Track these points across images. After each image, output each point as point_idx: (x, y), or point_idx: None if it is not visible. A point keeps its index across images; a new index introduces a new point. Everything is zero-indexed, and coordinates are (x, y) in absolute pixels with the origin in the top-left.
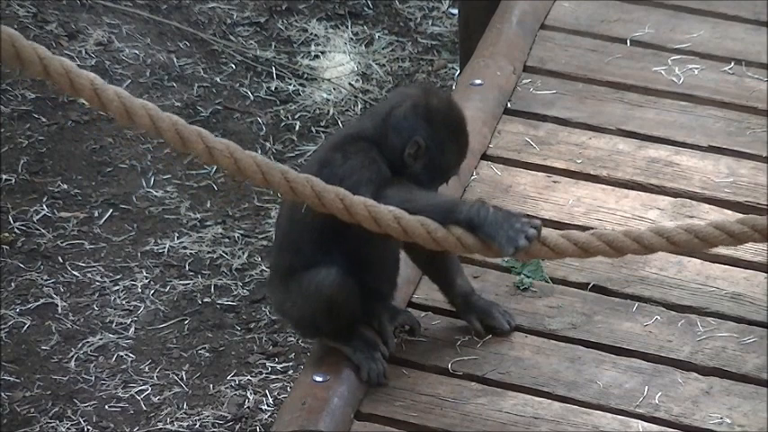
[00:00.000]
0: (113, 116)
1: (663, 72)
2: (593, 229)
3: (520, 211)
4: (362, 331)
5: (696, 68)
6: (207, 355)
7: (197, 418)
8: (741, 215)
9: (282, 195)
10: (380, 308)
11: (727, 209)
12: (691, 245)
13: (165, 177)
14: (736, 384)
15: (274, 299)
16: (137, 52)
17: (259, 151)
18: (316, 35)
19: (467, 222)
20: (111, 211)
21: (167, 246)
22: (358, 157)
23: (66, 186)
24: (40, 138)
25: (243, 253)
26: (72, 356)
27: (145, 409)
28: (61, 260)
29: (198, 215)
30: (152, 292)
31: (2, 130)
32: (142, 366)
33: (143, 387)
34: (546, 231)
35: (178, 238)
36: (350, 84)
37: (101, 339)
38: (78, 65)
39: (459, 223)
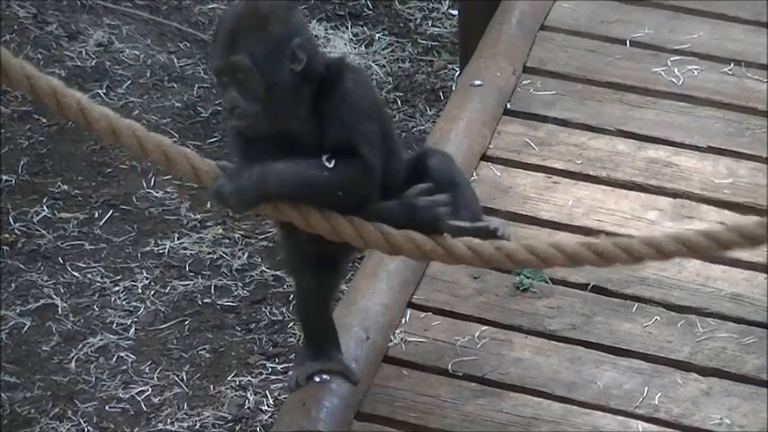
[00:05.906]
0: (100, 135)
1: (662, 73)
2: (591, 229)
3: (518, 211)
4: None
5: (696, 69)
6: (207, 355)
7: (197, 418)
8: (740, 216)
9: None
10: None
11: (726, 209)
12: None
13: (165, 178)
14: (736, 385)
15: None
16: (137, 53)
17: None
18: (316, 36)
19: None
20: (111, 211)
21: (167, 246)
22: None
23: (66, 187)
24: (41, 138)
25: (243, 254)
26: (72, 357)
27: (145, 409)
28: (61, 261)
29: (198, 216)
30: (152, 292)
31: (2, 130)
32: (142, 367)
33: (143, 388)
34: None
35: (178, 238)
36: None
37: (101, 340)
38: (79, 66)
39: None
